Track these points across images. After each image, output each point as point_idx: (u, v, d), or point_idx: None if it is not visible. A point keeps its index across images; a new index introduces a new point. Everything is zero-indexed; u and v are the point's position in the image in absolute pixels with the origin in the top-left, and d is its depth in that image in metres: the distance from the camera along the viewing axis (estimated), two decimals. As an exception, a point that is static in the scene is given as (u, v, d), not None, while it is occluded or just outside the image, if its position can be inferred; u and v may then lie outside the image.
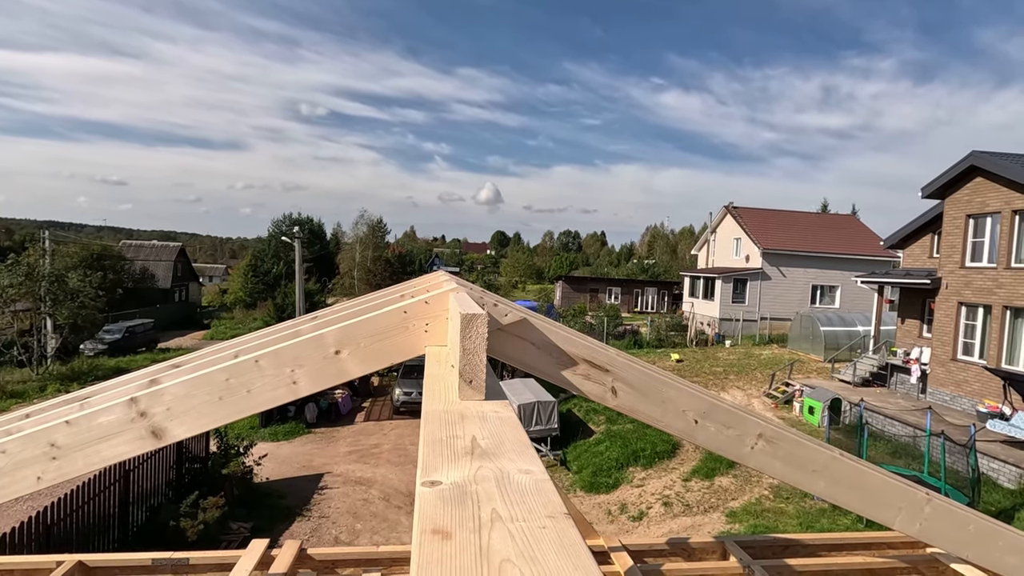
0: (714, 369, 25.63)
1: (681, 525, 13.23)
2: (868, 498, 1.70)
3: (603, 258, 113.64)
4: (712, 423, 1.56)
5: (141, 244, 53.56)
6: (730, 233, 39.05)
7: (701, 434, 1.56)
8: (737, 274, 35.70)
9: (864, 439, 13.51)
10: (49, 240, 29.91)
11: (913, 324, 21.00)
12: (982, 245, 17.45)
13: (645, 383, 1.52)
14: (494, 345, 1.35)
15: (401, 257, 68.78)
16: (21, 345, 24.96)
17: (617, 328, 35.29)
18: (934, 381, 18.60)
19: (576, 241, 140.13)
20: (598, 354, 1.49)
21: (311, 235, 57.59)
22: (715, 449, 1.59)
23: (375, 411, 21.94)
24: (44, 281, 25.83)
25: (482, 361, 1.16)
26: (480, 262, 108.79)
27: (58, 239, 39.32)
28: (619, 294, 52.87)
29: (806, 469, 1.60)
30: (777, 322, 33.88)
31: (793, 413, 19.28)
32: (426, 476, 0.80)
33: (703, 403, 1.55)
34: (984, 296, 17.09)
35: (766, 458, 1.58)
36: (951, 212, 18.32)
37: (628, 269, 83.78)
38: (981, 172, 17.19)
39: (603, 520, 14.17)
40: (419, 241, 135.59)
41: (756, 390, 22.12)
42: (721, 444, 1.58)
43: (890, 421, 16.00)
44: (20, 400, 20.33)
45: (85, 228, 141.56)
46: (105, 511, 9.92)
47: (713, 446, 1.59)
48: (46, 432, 1.60)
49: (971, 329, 17.72)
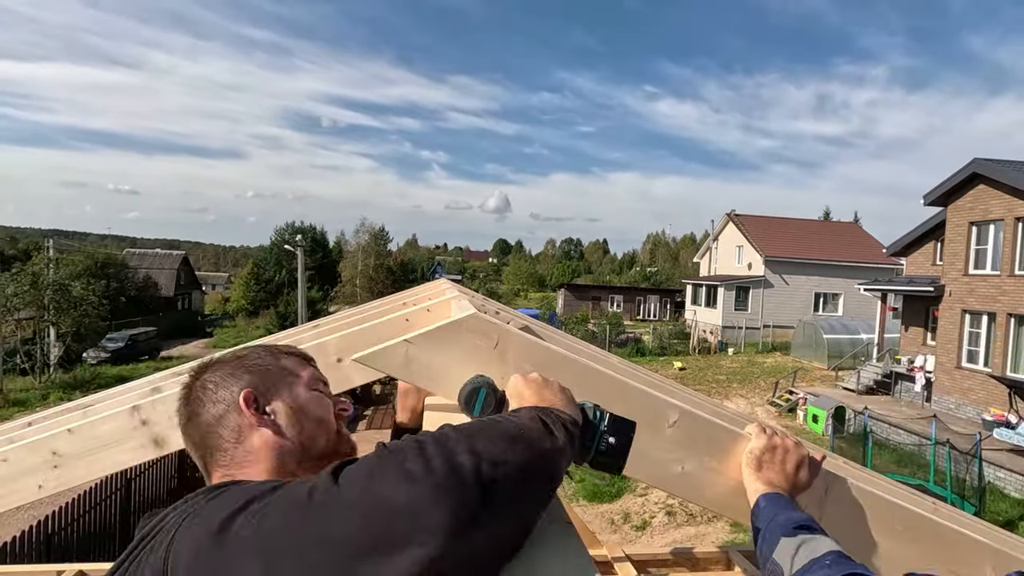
0: (717, 377, 25.54)
1: (685, 535, 13.14)
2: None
3: (605, 266, 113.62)
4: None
5: (144, 252, 53.76)
6: (732, 241, 39.04)
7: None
8: (739, 282, 35.65)
9: (869, 447, 13.44)
10: (53, 248, 30.05)
11: (917, 332, 20.93)
12: (985, 252, 17.41)
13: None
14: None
15: (403, 265, 68.84)
16: (24, 353, 24.99)
17: (619, 336, 35.21)
18: (939, 389, 18.50)
19: (578, 249, 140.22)
20: (599, 363, 1.48)
21: (314, 243, 57.72)
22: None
23: (377, 419, 21.88)
24: (48, 290, 25.91)
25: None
26: (482, 270, 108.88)
27: (62, 247, 39.48)
28: (621, 302, 52.79)
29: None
30: (780, 330, 33.76)
31: (797, 421, 19.18)
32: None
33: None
34: (988, 303, 17.03)
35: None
36: (954, 219, 18.30)
37: (630, 277, 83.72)
38: (983, 179, 17.18)
39: (606, 529, 14.08)
40: (421, 249, 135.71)
41: (759, 398, 22.04)
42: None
43: (895, 429, 15.90)
44: (23, 408, 20.33)
45: (89, 236, 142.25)
46: (107, 520, 9.87)
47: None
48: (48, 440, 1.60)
49: (975, 337, 17.65)
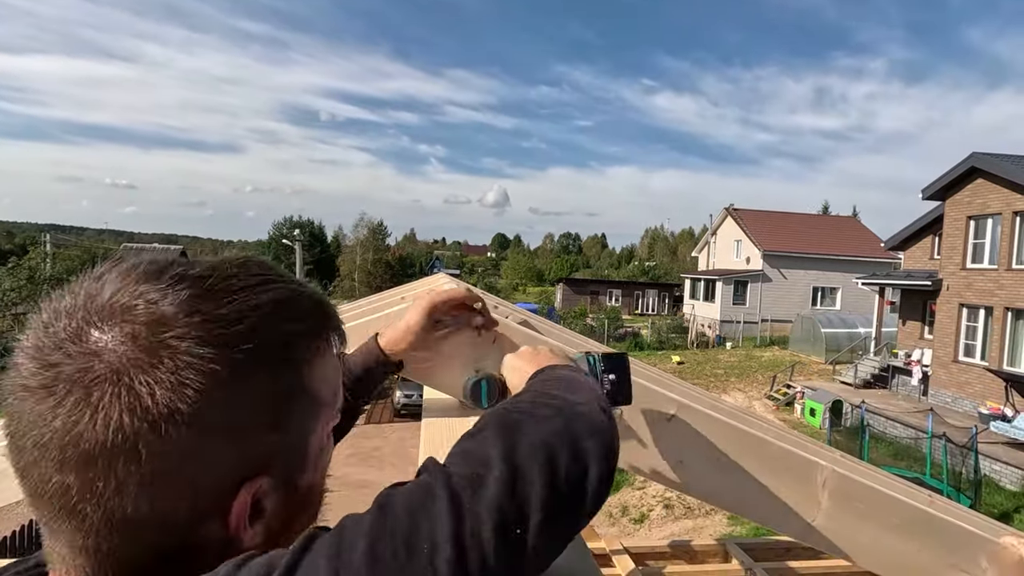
0: (715, 371, 25.61)
1: (683, 528, 13.21)
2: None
3: (604, 260, 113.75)
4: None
5: (142, 247, 53.62)
6: (731, 235, 39.05)
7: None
8: (738, 276, 35.68)
9: (866, 441, 13.50)
10: (50, 243, 29.98)
11: (914, 326, 20.98)
12: (983, 247, 17.44)
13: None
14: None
15: (401, 260, 68.82)
16: (22, 348, 24.97)
17: (618, 330, 35.27)
18: (936, 383, 18.57)
19: (576, 243, 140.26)
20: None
21: (312, 238, 57.70)
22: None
23: (375, 414, 21.92)
24: (46, 284, 25.85)
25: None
26: (481, 264, 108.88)
27: (59, 242, 39.39)
28: (620, 296, 52.84)
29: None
30: (778, 324, 33.83)
31: (794, 415, 19.24)
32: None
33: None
34: (985, 297, 17.07)
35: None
36: (952, 214, 18.31)
37: (629, 271, 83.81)
38: (982, 174, 17.18)
39: (604, 522, 14.14)
40: (419, 244, 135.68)
41: (757, 392, 22.11)
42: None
43: (892, 423, 15.97)
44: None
45: (86, 231, 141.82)
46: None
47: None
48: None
49: (972, 331, 17.70)
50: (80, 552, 0.47)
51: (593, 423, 0.63)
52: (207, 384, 0.46)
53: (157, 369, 0.45)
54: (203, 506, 0.48)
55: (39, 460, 0.45)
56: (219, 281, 0.50)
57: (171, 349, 0.46)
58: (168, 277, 0.49)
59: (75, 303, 0.48)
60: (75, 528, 0.46)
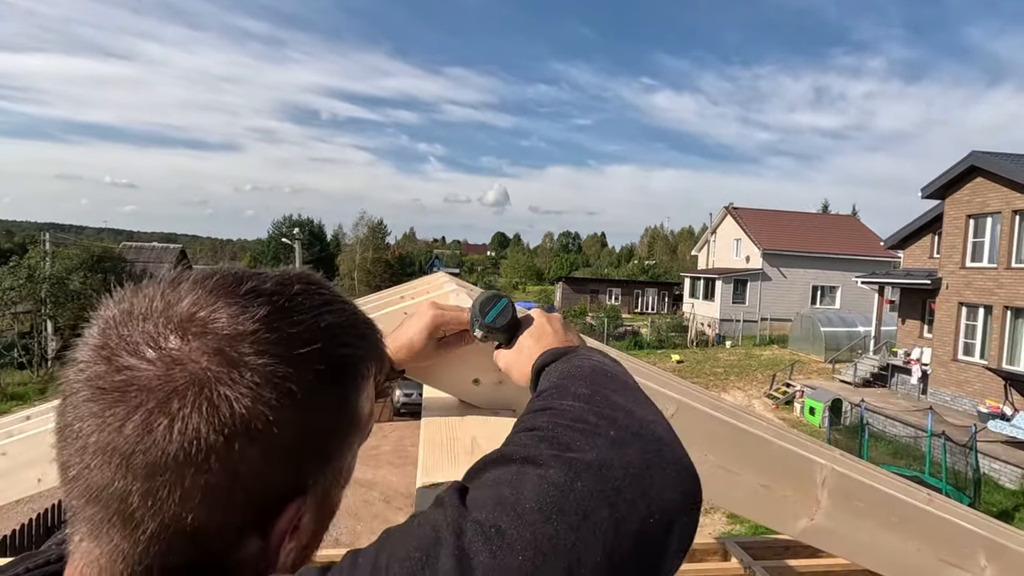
0: (714, 370, 25.62)
1: (682, 526, 13.22)
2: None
3: (603, 259, 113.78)
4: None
5: (141, 246, 53.41)
6: (730, 234, 39.05)
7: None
8: (737, 275, 35.68)
9: (865, 440, 13.51)
10: (49, 242, 29.95)
11: (914, 324, 20.99)
12: (982, 245, 17.45)
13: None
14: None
15: (401, 259, 68.82)
16: (22, 347, 24.96)
17: (617, 329, 35.27)
18: (935, 381, 18.58)
19: (576, 242, 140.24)
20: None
21: (311, 236, 57.69)
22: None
23: (374, 413, 21.90)
24: (45, 283, 25.84)
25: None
26: (480, 263, 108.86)
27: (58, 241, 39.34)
28: (619, 295, 52.84)
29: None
30: (777, 323, 33.86)
31: (794, 414, 19.26)
32: (426, 478, 0.79)
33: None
34: (985, 296, 17.08)
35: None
36: (951, 212, 18.32)
37: (628, 270, 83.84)
38: (981, 172, 17.19)
39: (604, 521, 14.13)
40: (419, 242, 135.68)
41: (757, 391, 22.12)
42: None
43: (891, 422, 15.98)
44: (21, 402, 20.32)
45: (85, 230, 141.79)
46: (106, 513, 9.91)
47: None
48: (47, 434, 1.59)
49: (972, 329, 17.71)
50: (119, 557, 0.45)
51: (677, 458, 0.49)
52: (282, 402, 0.46)
53: (238, 383, 0.45)
54: (253, 520, 0.47)
55: (102, 465, 0.44)
56: (289, 299, 0.50)
57: (251, 364, 0.45)
58: (244, 292, 0.48)
59: (151, 307, 0.47)
60: (126, 535, 0.45)
